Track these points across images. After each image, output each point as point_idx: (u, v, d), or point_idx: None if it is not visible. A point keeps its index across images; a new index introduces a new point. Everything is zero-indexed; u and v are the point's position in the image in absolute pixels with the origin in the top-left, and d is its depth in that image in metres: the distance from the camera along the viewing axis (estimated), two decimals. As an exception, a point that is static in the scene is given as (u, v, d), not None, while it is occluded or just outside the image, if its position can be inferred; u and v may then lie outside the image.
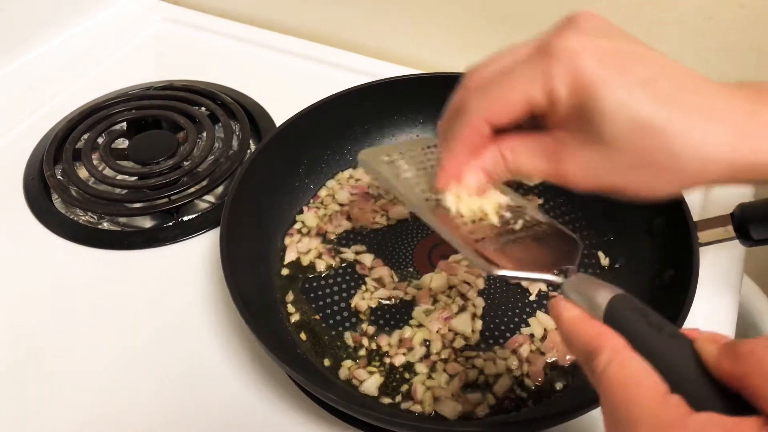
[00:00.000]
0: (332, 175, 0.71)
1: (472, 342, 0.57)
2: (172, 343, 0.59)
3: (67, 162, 0.74)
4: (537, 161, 0.40)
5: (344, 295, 0.61)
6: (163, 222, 0.70)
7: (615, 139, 0.36)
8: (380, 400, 0.53)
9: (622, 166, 0.37)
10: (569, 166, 0.39)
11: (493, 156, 0.42)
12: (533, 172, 0.41)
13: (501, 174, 0.42)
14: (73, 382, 0.57)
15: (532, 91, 0.38)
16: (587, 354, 0.33)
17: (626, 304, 0.34)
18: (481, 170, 0.42)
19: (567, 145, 0.39)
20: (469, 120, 0.40)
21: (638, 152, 0.36)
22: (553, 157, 0.40)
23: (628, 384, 0.30)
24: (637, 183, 0.38)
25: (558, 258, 0.42)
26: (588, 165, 0.38)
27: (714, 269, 0.61)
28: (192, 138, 0.76)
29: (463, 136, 0.41)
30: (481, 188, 0.43)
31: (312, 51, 0.91)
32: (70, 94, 0.86)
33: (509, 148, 0.41)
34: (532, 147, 0.40)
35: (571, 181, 0.40)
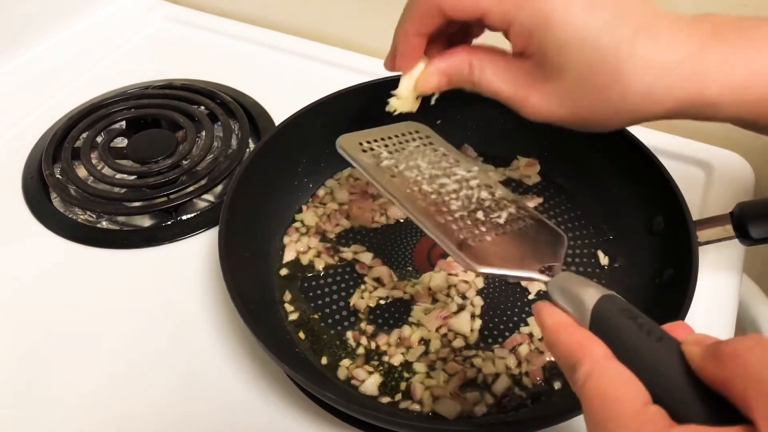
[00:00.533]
0: (331, 174, 0.71)
1: (471, 341, 0.57)
2: (171, 342, 0.59)
3: (66, 161, 0.74)
4: (501, 83, 0.42)
5: (343, 294, 0.61)
6: (162, 221, 0.70)
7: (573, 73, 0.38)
8: (380, 400, 0.53)
9: (576, 99, 0.39)
10: (533, 98, 0.41)
11: (460, 62, 0.43)
12: (495, 92, 0.42)
13: (462, 83, 0.44)
14: (71, 381, 0.56)
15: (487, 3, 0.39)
16: (568, 364, 0.32)
17: (614, 305, 0.33)
18: (445, 74, 0.44)
19: (531, 76, 0.40)
20: (422, 1, 0.42)
21: (592, 87, 0.38)
22: (517, 84, 0.41)
23: (607, 397, 0.29)
24: (586, 115, 0.40)
25: (543, 254, 0.41)
26: (551, 97, 0.40)
27: (713, 268, 0.61)
28: (191, 137, 0.76)
29: (414, 14, 0.42)
30: (436, 89, 0.45)
31: (311, 50, 0.91)
32: (69, 93, 0.86)
33: (478, 63, 0.42)
34: (500, 69, 0.42)
35: (526, 111, 0.41)
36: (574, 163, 0.67)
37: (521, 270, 0.40)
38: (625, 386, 0.30)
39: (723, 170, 0.70)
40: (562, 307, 0.36)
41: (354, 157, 0.49)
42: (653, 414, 0.28)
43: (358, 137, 0.51)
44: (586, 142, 0.60)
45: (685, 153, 0.72)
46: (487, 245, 0.42)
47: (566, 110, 0.40)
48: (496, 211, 0.45)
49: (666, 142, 0.72)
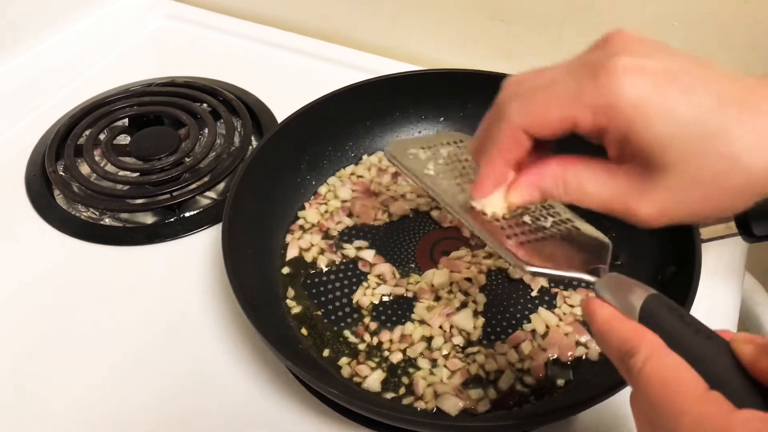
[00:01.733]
0: (334, 171, 0.71)
1: (474, 338, 0.57)
2: (174, 338, 0.59)
3: (69, 158, 0.74)
4: (605, 196, 0.37)
5: (346, 291, 0.61)
6: (165, 218, 0.70)
7: (683, 170, 0.34)
8: (383, 396, 0.53)
9: (697, 197, 0.35)
10: (642, 208, 0.36)
11: (554, 178, 0.39)
12: (598, 205, 0.38)
13: (557, 196, 0.39)
14: (74, 377, 0.57)
15: (578, 113, 0.35)
16: (623, 353, 0.33)
17: (662, 304, 0.34)
18: (538, 189, 0.39)
19: (639, 184, 0.36)
20: (507, 126, 0.38)
21: (711, 179, 0.34)
22: (624, 193, 0.36)
23: (669, 380, 0.30)
24: (709, 204, 0.35)
25: (588, 257, 0.42)
26: (661, 203, 0.35)
27: (716, 265, 0.61)
28: (194, 134, 0.76)
29: (500, 143, 0.39)
30: (528, 203, 0.41)
31: (314, 48, 0.91)
32: (72, 90, 0.86)
33: (574, 177, 0.38)
34: (600, 179, 0.37)
35: (642, 221, 0.37)
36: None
37: (569, 271, 0.40)
38: (685, 371, 0.31)
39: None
40: (609, 304, 0.36)
41: (402, 162, 0.50)
42: (717, 397, 0.29)
43: (406, 144, 0.51)
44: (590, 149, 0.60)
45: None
46: (534, 246, 0.42)
47: (684, 209, 0.36)
48: (543, 216, 0.45)
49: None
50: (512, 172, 0.41)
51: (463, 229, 0.65)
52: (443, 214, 0.66)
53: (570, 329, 0.57)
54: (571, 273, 0.40)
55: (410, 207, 0.67)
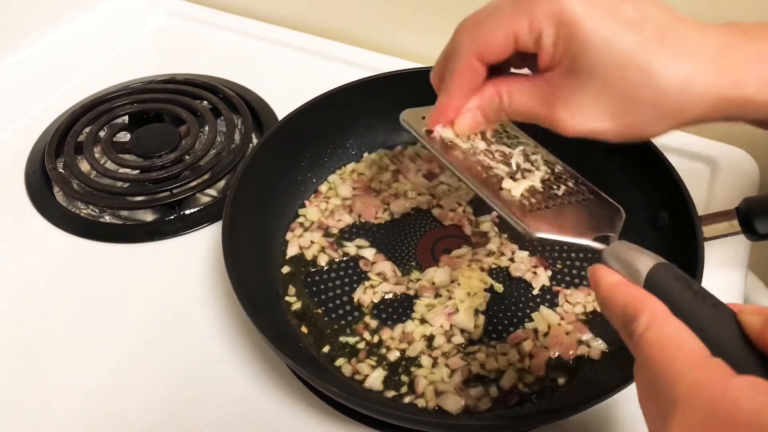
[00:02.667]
0: (335, 169, 0.71)
1: (475, 337, 0.56)
2: (174, 336, 0.59)
3: (69, 155, 0.74)
4: (531, 105, 0.42)
5: (346, 289, 0.60)
6: (165, 215, 0.70)
7: (600, 77, 0.38)
8: (385, 395, 0.53)
9: (609, 107, 0.39)
10: (560, 111, 0.40)
11: (489, 94, 0.43)
12: (527, 114, 0.42)
13: (496, 115, 0.44)
14: (74, 376, 0.56)
15: (518, 26, 0.39)
16: (625, 317, 0.33)
17: (669, 272, 0.34)
18: (478, 109, 0.44)
19: (558, 88, 0.40)
20: (460, 57, 0.42)
21: (624, 90, 0.38)
22: (545, 101, 0.41)
23: (668, 345, 0.30)
24: (625, 124, 0.39)
25: (599, 225, 0.42)
26: (577, 109, 0.39)
27: (718, 264, 0.61)
28: (194, 132, 0.76)
29: (456, 73, 0.43)
30: (476, 128, 0.45)
31: (315, 45, 0.90)
32: (72, 87, 0.86)
33: (506, 90, 0.43)
34: (527, 89, 0.42)
35: (561, 126, 0.41)
36: (576, 157, 0.66)
37: (576, 237, 0.41)
38: (686, 338, 0.31)
39: (728, 166, 0.69)
40: (617, 271, 0.37)
41: (416, 129, 0.50)
42: (717, 363, 0.29)
43: (420, 112, 0.51)
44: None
45: (689, 149, 0.71)
46: (545, 213, 0.42)
47: (600, 117, 0.39)
48: (555, 184, 0.45)
49: (670, 138, 0.70)
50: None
51: (464, 227, 0.64)
52: (444, 212, 0.66)
53: (571, 328, 0.56)
54: (579, 239, 0.40)
55: (411, 205, 0.67)
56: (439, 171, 0.70)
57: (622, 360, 0.53)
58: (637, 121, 0.39)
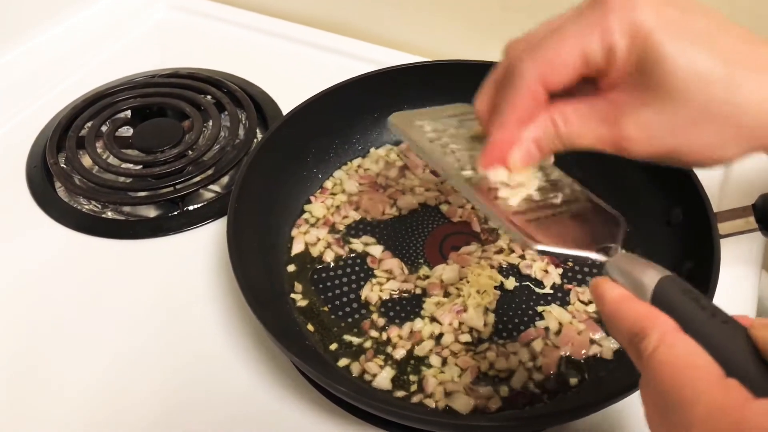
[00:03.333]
0: (341, 164, 0.70)
1: (485, 336, 0.55)
2: (178, 333, 0.58)
3: (71, 150, 0.73)
4: (592, 126, 0.38)
5: (353, 286, 0.59)
6: (168, 211, 0.69)
7: (677, 91, 0.35)
8: (394, 394, 0.52)
9: (686, 123, 0.35)
10: (629, 129, 0.37)
11: (543, 124, 0.39)
12: (588, 138, 0.38)
13: (552, 144, 0.40)
14: (77, 373, 0.56)
15: (589, 42, 0.36)
16: (633, 336, 0.32)
17: (676, 286, 0.33)
18: (532, 141, 0.40)
19: (625, 105, 0.37)
20: (523, 84, 0.38)
21: (702, 104, 0.35)
22: (609, 120, 0.37)
23: (681, 366, 0.29)
24: (701, 142, 0.36)
25: (600, 235, 0.40)
26: (649, 125, 0.36)
27: (732, 262, 0.59)
28: (197, 126, 0.75)
29: (517, 104, 0.38)
30: (530, 161, 0.41)
31: (320, 39, 0.89)
32: (74, 82, 0.84)
33: (560, 115, 0.39)
34: (585, 112, 0.38)
35: (630, 146, 0.37)
36: (589, 153, 0.65)
37: (578, 249, 0.39)
38: (700, 357, 0.29)
39: (741, 162, 0.68)
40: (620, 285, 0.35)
41: (406, 133, 0.48)
42: (734, 385, 0.28)
43: (411, 116, 0.49)
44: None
45: (701, 145, 0.70)
46: (543, 224, 0.41)
47: (673, 135, 0.36)
48: (552, 192, 0.43)
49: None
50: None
51: (473, 224, 0.63)
52: (453, 209, 0.65)
53: (583, 327, 0.55)
54: (581, 252, 0.39)
55: (419, 201, 0.66)
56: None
57: (635, 359, 0.52)
58: (712, 140, 0.36)
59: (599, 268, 0.59)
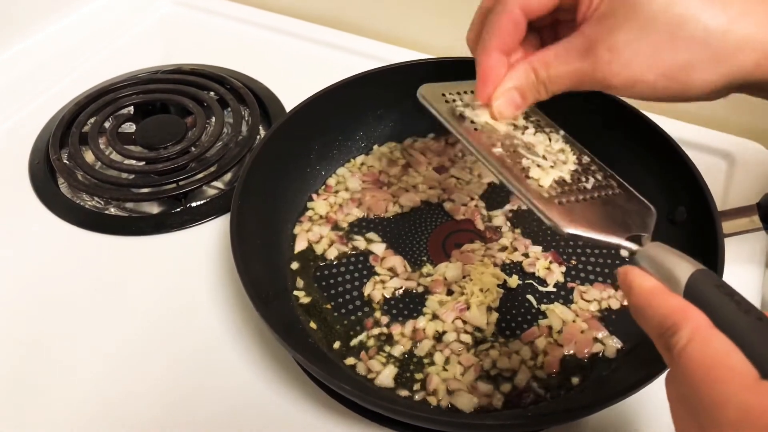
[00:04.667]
0: (344, 161, 0.70)
1: (488, 334, 0.55)
2: (181, 331, 0.58)
3: (74, 146, 0.73)
4: (571, 63, 0.39)
5: (356, 284, 0.59)
6: (171, 208, 0.69)
7: (644, 13, 0.36)
8: (397, 392, 0.52)
9: (656, 43, 0.37)
10: (602, 54, 0.38)
11: (523, 70, 0.41)
12: (568, 77, 0.40)
13: (535, 91, 0.41)
14: (79, 370, 0.56)
15: None
16: (664, 329, 0.31)
17: (710, 280, 0.32)
18: (514, 89, 0.41)
19: (598, 34, 0.38)
20: (504, 9, 0.40)
21: (668, 25, 0.36)
22: (587, 53, 0.39)
23: (714, 364, 0.28)
24: (674, 63, 0.37)
25: (631, 224, 0.40)
26: (621, 47, 0.37)
27: (735, 261, 0.59)
28: (200, 123, 0.74)
29: (499, 28, 0.41)
30: (515, 110, 0.42)
31: (323, 35, 0.89)
32: (77, 77, 0.84)
33: (540, 61, 0.40)
34: (562, 51, 0.40)
35: (607, 74, 0.38)
36: (592, 150, 0.65)
37: (608, 235, 0.38)
38: (734, 356, 0.29)
39: (745, 161, 0.68)
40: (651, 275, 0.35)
41: (435, 106, 0.47)
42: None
43: (440, 88, 0.49)
44: (604, 129, 0.59)
45: (706, 143, 0.70)
46: (574, 207, 0.40)
47: (646, 57, 0.37)
48: (584, 176, 0.43)
49: (686, 132, 0.70)
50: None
51: (476, 221, 0.63)
52: (456, 206, 0.65)
53: (586, 325, 0.55)
54: (611, 238, 0.38)
55: (422, 198, 0.66)
56: (450, 164, 0.69)
57: (639, 358, 0.52)
58: (685, 62, 0.37)
59: (602, 267, 0.59)
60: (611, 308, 0.56)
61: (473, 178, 0.68)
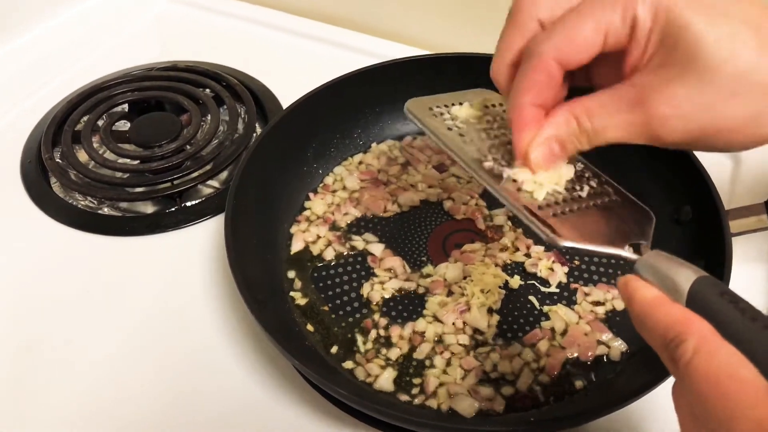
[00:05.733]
0: (342, 159, 0.69)
1: (489, 336, 0.54)
2: (175, 333, 0.57)
3: (66, 145, 0.71)
4: (619, 114, 0.35)
5: (354, 285, 0.58)
6: (166, 207, 0.67)
7: (706, 62, 0.33)
8: (397, 396, 0.51)
9: (718, 96, 0.33)
10: (659, 107, 0.34)
11: (565, 120, 0.37)
12: (617, 128, 0.36)
13: (577, 141, 0.37)
14: (72, 371, 0.55)
15: (610, 15, 0.34)
16: (667, 341, 0.30)
17: (713, 287, 0.31)
18: (554, 139, 0.37)
19: (652, 84, 0.34)
20: (539, 61, 0.36)
21: (733, 75, 0.33)
22: (637, 104, 0.35)
23: (723, 377, 0.27)
24: (737, 115, 0.34)
25: (629, 231, 0.38)
26: (679, 100, 0.34)
27: (742, 261, 0.57)
28: (196, 121, 0.73)
29: (531, 81, 0.37)
30: (553, 161, 0.38)
31: (320, 32, 0.88)
32: (71, 75, 0.83)
33: (582, 109, 0.37)
34: (609, 100, 0.36)
35: (662, 128, 0.35)
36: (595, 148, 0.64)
37: (606, 246, 0.37)
38: (743, 367, 0.27)
39: (752, 158, 0.67)
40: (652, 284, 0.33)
41: (423, 120, 0.45)
42: None
43: (427, 102, 0.47)
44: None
45: (711, 140, 0.69)
46: (569, 218, 0.39)
47: (703, 110, 0.34)
48: (577, 185, 0.41)
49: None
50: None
51: (477, 221, 0.62)
52: (456, 206, 0.63)
53: (590, 327, 0.54)
54: (609, 249, 0.37)
55: (421, 198, 0.65)
56: (450, 162, 0.68)
57: (644, 361, 0.51)
58: (748, 113, 0.34)
59: (606, 267, 0.58)
60: (615, 309, 0.55)
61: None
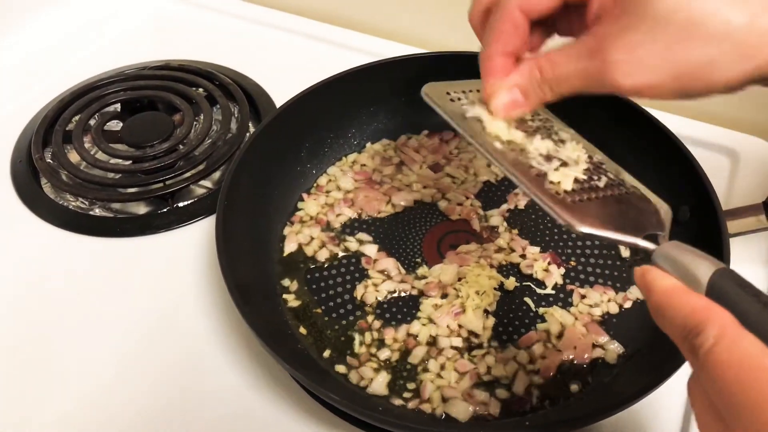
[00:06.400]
0: (335, 159, 0.68)
1: (484, 339, 0.53)
2: (167, 334, 0.56)
3: (57, 145, 0.71)
4: (578, 62, 0.37)
5: (348, 287, 0.57)
6: (158, 208, 0.67)
7: (659, 8, 0.34)
8: (391, 400, 0.50)
9: (673, 41, 0.34)
10: (613, 53, 0.35)
11: (529, 68, 0.39)
12: (575, 77, 0.37)
13: (539, 91, 0.39)
14: (63, 373, 0.54)
15: None
16: (687, 330, 0.30)
17: (733, 279, 0.31)
18: (516, 87, 0.40)
19: (610, 33, 0.36)
20: (504, 11, 0.39)
21: (686, 20, 0.34)
22: (596, 52, 0.36)
23: (745, 366, 0.27)
24: (692, 61, 0.34)
25: (646, 223, 0.38)
26: (634, 47, 0.35)
27: (739, 262, 0.56)
28: (188, 120, 0.72)
29: (498, 30, 0.40)
30: (515, 109, 0.41)
31: (314, 30, 0.87)
32: (62, 74, 0.82)
33: (547, 60, 0.39)
34: (568, 50, 0.38)
35: (617, 75, 0.36)
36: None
37: (624, 235, 0.37)
38: (764, 355, 0.27)
39: (750, 158, 0.66)
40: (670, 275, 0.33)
41: (441, 105, 0.45)
42: None
43: (444, 87, 0.47)
44: (606, 125, 0.56)
45: (709, 139, 0.68)
46: (587, 206, 0.39)
47: (658, 56, 0.35)
48: (596, 174, 0.41)
49: (689, 128, 0.68)
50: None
51: (472, 222, 0.61)
52: (451, 206, 0.63)
53: (586, 330, 0.53)
54: (627, 237, 0.37)
55: (416, 198, 0.64)
56: (445, 162, 0.67)
57: (641, 364, 0.50)
58: (704, 58, 0.34)
59: (602, 269, 0.57)
60: (611, 312, 0.55)
61: (469, 176, 0.66)
